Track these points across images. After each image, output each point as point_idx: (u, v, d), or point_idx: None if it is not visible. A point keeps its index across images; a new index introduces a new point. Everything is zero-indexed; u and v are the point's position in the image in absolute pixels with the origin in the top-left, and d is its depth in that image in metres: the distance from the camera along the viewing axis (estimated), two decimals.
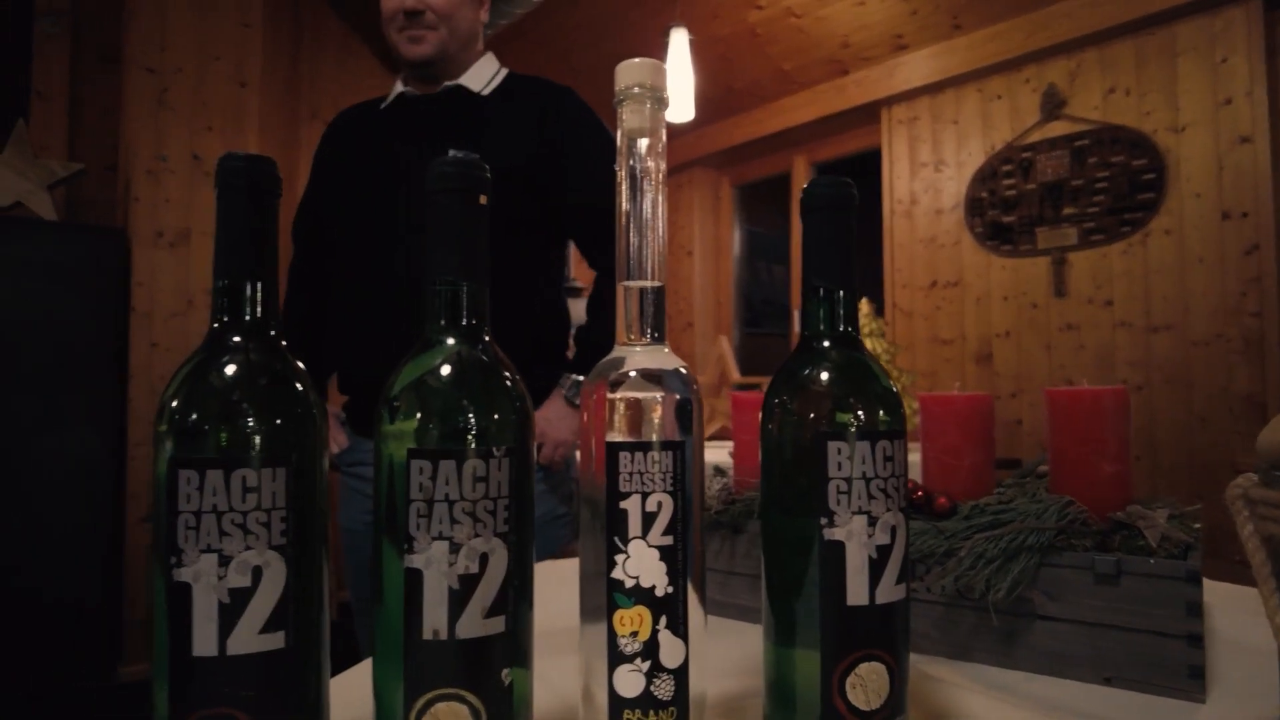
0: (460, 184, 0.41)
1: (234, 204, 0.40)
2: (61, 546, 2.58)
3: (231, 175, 0.40)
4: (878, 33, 3.24)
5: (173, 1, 2.82)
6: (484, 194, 0.42)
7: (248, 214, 0.40)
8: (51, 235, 2.66)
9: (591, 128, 1.41)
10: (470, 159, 0.41)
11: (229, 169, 0.40)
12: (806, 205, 0.46)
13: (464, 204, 0.41)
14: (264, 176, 0.40)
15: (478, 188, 0.41)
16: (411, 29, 1.35)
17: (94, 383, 2.66)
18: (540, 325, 1.40)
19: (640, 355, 0.43)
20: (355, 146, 1.45)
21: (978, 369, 3.12)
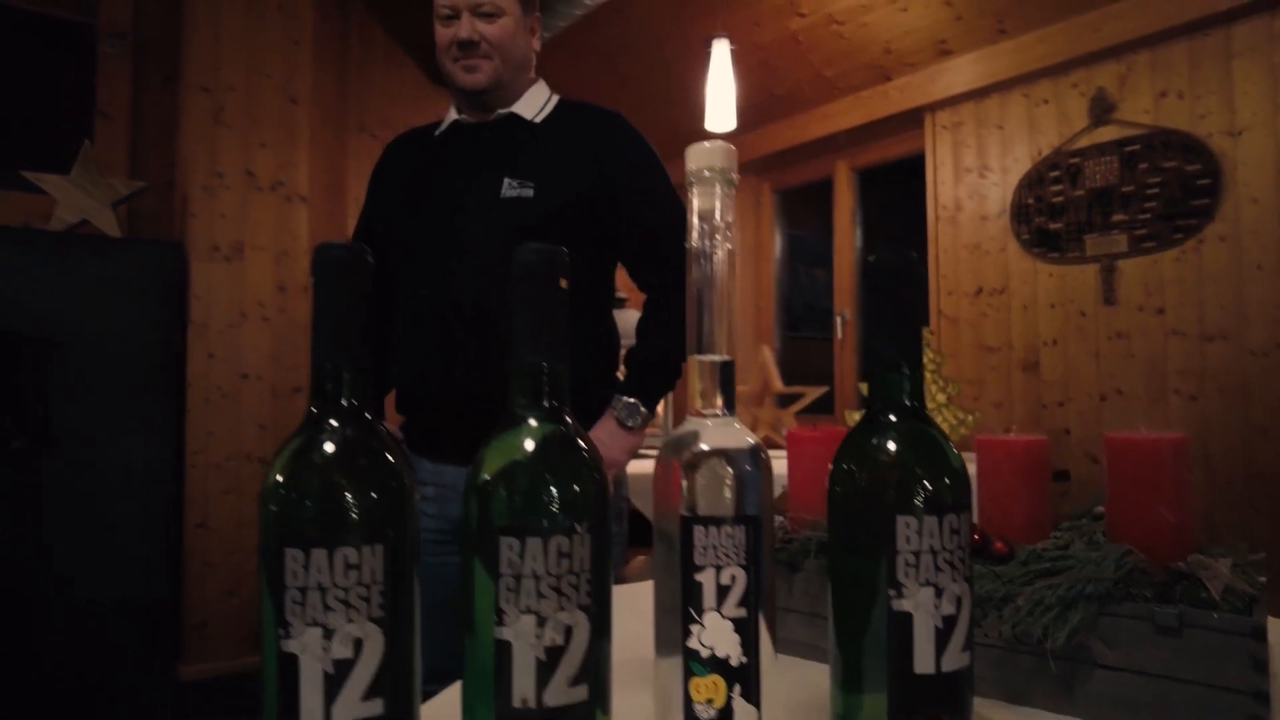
0: (543, 271, 0.43)
1: (330, 292, 0.43)
2: (124, 550, 2.68)
3: (328, 265, 0.43)
4: (921, 38, 3.21)
5: (226, 22, 2.90)
6: (565, 278, 0.44)
7: (343, 302, 0.43)
8: (115, 251, 2.76)
9: (642, 153, 1.43)
10: (551, 248, 0.43)
11: (326, 259, 0.43)
12: (870, 278, 0.47)
13: (546, 289, 0.43)
14: (359, 266, 0.43)
15: (559, 273, 0.43)
16: (466, 59, 1.38)
17: (154, 392, 2.75)
18: (592, 347, 1.43)
19: (712, 429, 0.45)
20: (411, 173, 1.49)
21: (1024, 377, 3.08)
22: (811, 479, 0.84)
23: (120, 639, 2.65)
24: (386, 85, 3.79)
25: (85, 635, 2.60)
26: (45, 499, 2.56)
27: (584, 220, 1.38)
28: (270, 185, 2.93)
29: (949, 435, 1.85)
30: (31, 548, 2.54)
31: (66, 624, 2.57)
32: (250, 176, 2.90)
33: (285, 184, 2.96)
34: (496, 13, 1.38)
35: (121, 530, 2.67)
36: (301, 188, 2.99)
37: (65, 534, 2.59)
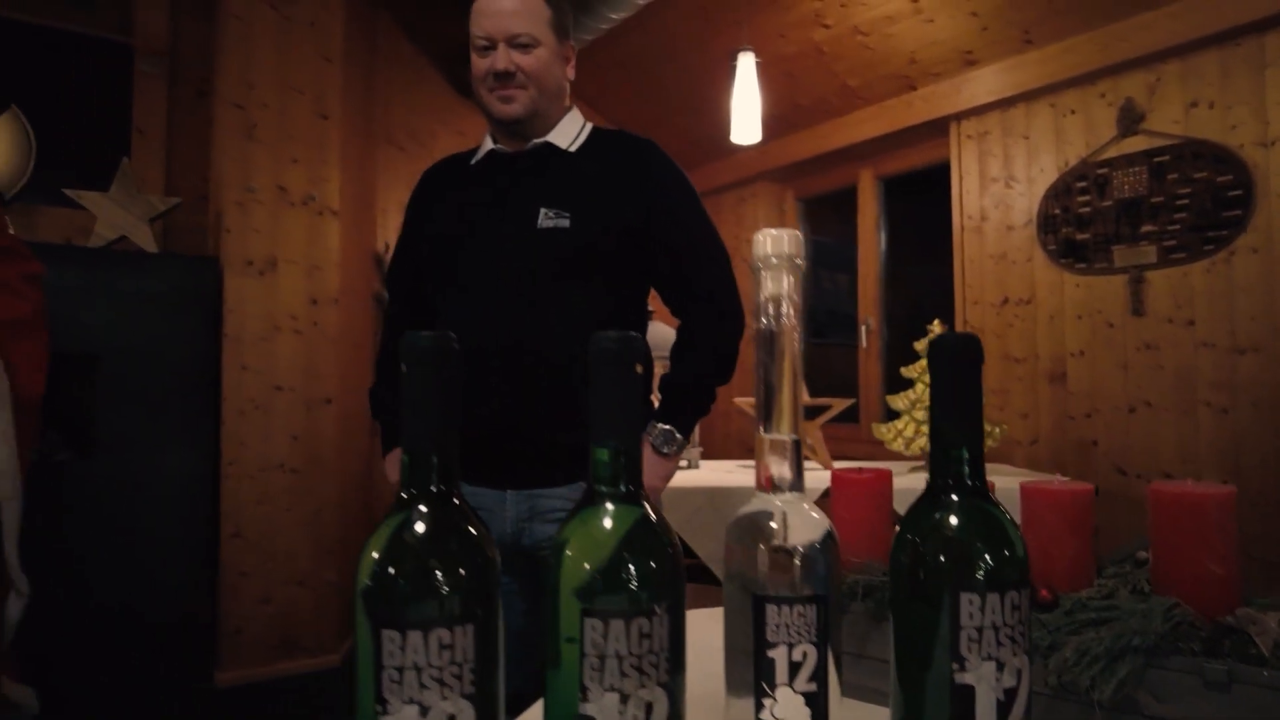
0: (620, 358, 0.45)
1: (420, 381, 0.45)
2: (162, 559, 2.74)
3: (418, 354, 0.45)
4: (946, 49, 3.21)
5: (259, 40, 2.95)
6: (640, 364, 0.46)
7: (433, 390, 0.45)
8: (152, 266, 2.81)
9: (676, 181, 1.45)
10: (627, 336, 0.45)
11: (416, 349, 0.45)
12: (936, 360, 0.49)
13: (623, 375, 0.45)
14: (447, 354, 0.45)
15: (634, 360, 0.45)
16: (502, 89, 1.41)
17: (190, 404, 2.81)
18: None
19: (783, 510, 0.47)
20: (448, 201, 1.51)
21: (1051, 388, 3.07)
22: (857, 522, 0.85)
23: (159, 646, 2.71)
24: (413, 97, 3.84)
25: (125, 642, 2.66)
26: (87, 509, 2.62)
27: (619, 248, 1.40)
28: (302, 200, 2.98)
29: None
30: (73, 556, 2.60)
31: (107, 631, 2.63)
32: (282, 191, 2.95)
33: (316, 198, 3.00)
34: (532, 43, 1.40)
35: (160, 540, 2.73)
36: (333, 202, 3.03)
37: (106, 543, 2.65)
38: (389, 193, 3.78)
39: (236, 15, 2.93)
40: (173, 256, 2.95)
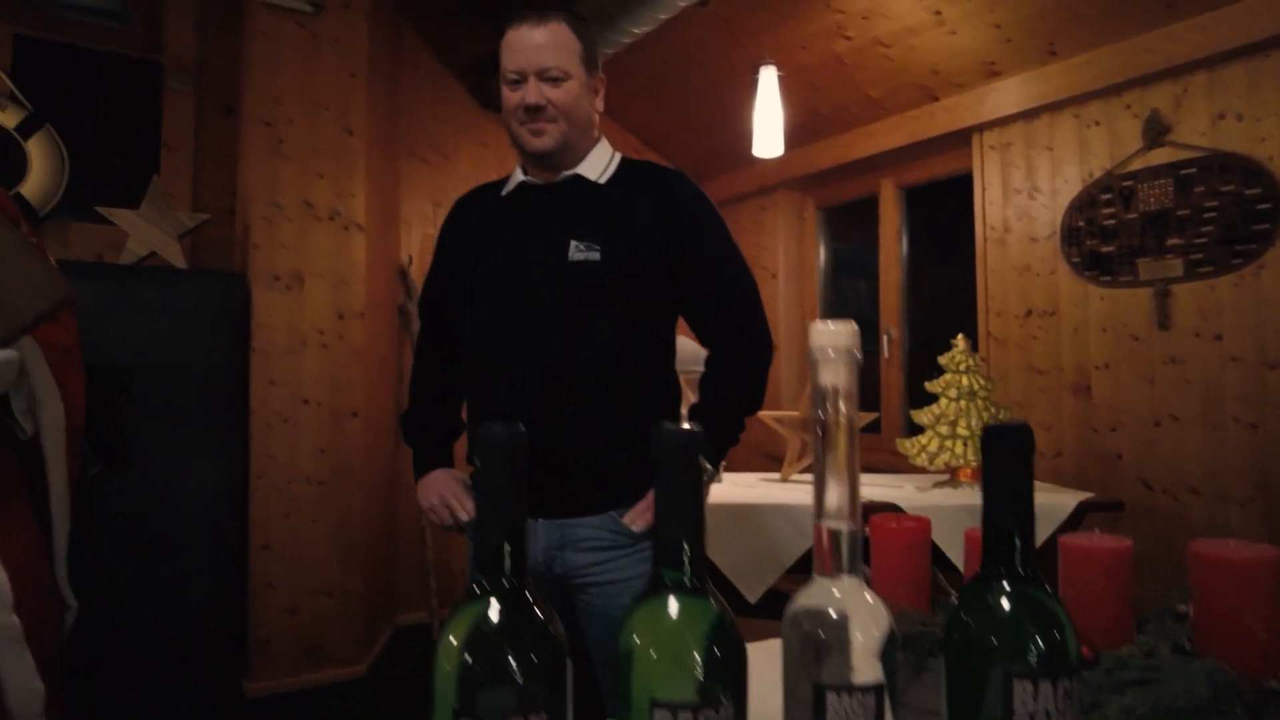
0: (684, 454, 0.47)
1: (494, 474, 0.47)
2: (192, 571, 2.78)
3: (492, 448, 0.47)
4: (969, 60, 3.20)
5: (285, 56, 2.98)
6: (702, 457, 0.47)
7: (506, 483, 0.47)
8: (181, 281, 2.86)
9: (705, 212, 1.47)
10: (691, 432, 0.46)
11: (490, 443, 0.47)
12: (988, 449, 0.50)
13: (688, 470, 0.47)
14: (519, 448, 0.47)
15: (699, 453, 0.47)
16: (533, 123, 1.42)
17: (220, 418, 2.85)
18: (656, 401, 1.46)
19: (842, 600, 0.48)
20: (479, 231, 1.53)
21: (1074, 400, 3.06)
22: (896, 570, 0.86)
23: (190, 657, 2.76)
24: (435, 109, 3.87)
25: (156, 652, 2.71)
26: (118, 522, 2.67)
27: (649, 279, 1.42)
28: (328, 215, 3.01)
29: None
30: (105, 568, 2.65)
31: (138, 641, 2.68)
32: (309, 206, 2.99)
33: (342, 213, 3.04)
34: (563, 77, 1.42)
35: (190, 552, 2.77)
36: (358, 216, 3.07)
37: (137, 555, 2.70)
38: (412, 205, 3.82)
39: (263, 32, 2.97)
40: (202, 272, 2.99)
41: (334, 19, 3.07)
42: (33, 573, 1.29)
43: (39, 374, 1.29)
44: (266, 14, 2.97)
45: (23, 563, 1.25)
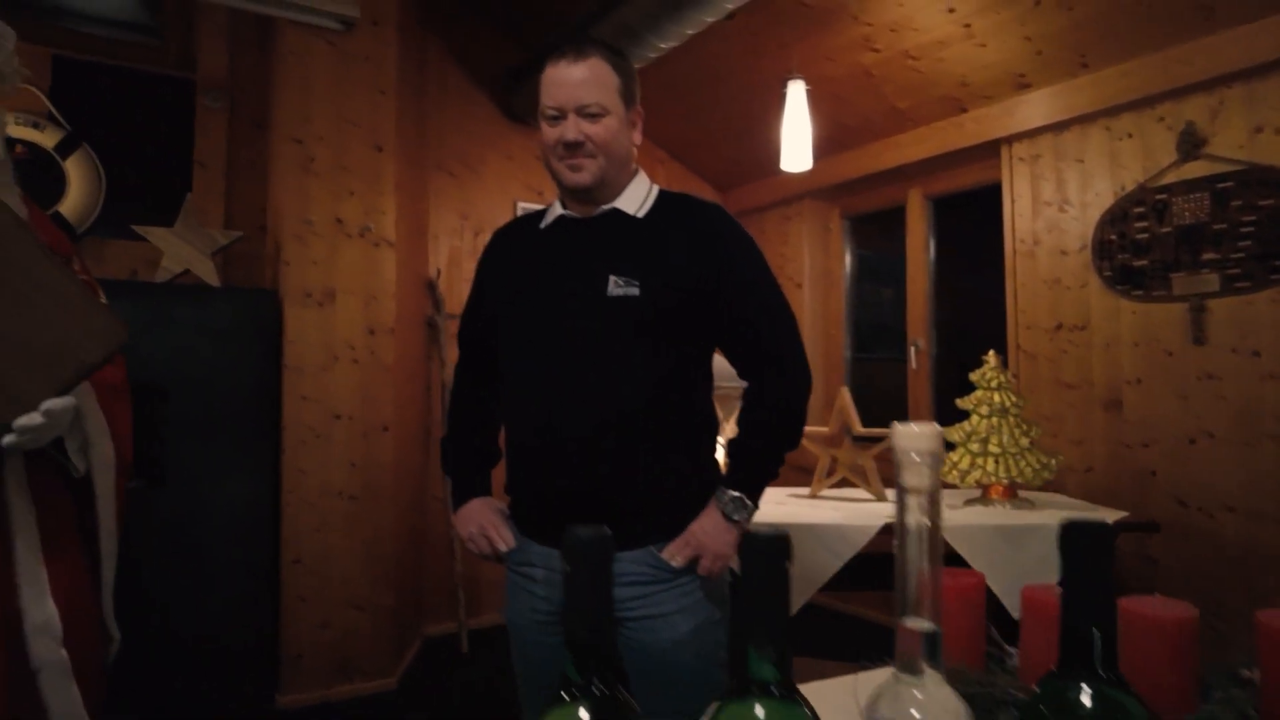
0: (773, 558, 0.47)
1: (583, 577, 0.47)
2: (226, 585, 2.82)
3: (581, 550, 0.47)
4: (998, 72, 3.18)
5: (316, 75, 3.01)
6: (790, 561, 0.48)
7: (595, 587, 0.47)
8: (215, 299, 2.89)
9: (744, 245, 1.47)
10: (779, 535, 0.47)
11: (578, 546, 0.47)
12: (1067, 547, 0.50)
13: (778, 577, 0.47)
14: (607, 551, 0.48)
15: (788, 559, 0.47)
16: (571, 158, 1.43)
17: (253, 434, 2.89)
18: (694, 433, 1.47)
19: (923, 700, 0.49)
20: (518, 264, 1.54)
21: (1106, 416, 3.03)
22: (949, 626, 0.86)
23: (223, 670, 2.79)
24: (462, 123, 3.89)
25: (190, 666, 2.74)
26: (153, 537, 2.71)
27: (687, 312, 1.42)
28: (359, 231, 3.04)
29: (1033, 479, 1.83)
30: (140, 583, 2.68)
31: (172, 656, 2.72)
32: (340, 224, 3.01)
33: (373, 230, 3.06)
34: (601, 113, 1.42)
35: (224, 567, 2.81)
36: (388, 233, 3.09)
37: (171, 570, 2.74)
38: (439, 218, 3.84)
39: (294, 52, 3.00)
40: (235, 290, 3.03)
41: (363, 36, 3.09)
42: (81, 607, 1.31)
43: (91, 414, 1.32)
44: (297, 33, 2.99)
45: (72, 597, 1.28)
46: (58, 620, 1.23)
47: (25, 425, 1.12)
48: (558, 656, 1.47)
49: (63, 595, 1.25)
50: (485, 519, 1.54)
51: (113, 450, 1.36)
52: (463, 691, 3.14)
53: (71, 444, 1.27)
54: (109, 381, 1.38)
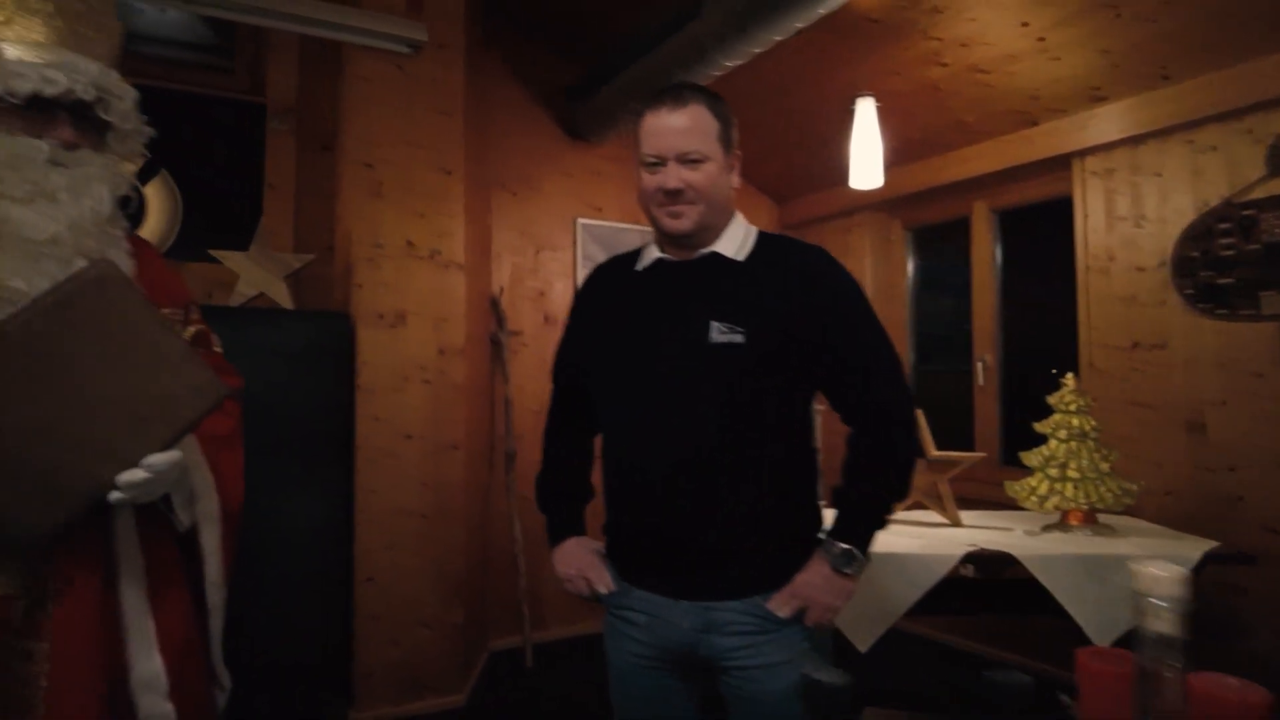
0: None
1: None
2: (299, 603, 2.86)
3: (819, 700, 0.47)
4: (1071, 85, 3.10)
5: (384, 99, 3.05)
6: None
7: None
8: (288, 321, 2.94)
9: (848, 289, 1.45)
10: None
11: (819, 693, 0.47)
12: None
13: None
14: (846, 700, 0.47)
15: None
16: (672, 205, 1.43)
17: (325, 455, 2.93)
18: (797, 481, 1.46)
19: None
20: (615, 306, 1.54)
21: (1187, 438, 2.95)
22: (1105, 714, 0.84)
23: (298, 688, 2.84)
24: (522, 141, 3.91)
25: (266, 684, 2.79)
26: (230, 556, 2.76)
27: (790, 358, 1.41)
28: (428, 254, 3.07)
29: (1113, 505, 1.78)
30: None
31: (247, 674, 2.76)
32: (410, 246, 3.05)
33: (441, 252, 3.09)
34: (702, 159, 1.41)
35: (299, 585, 2.86)
36: (457, 255, 3.12)
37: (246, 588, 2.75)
38: (501, 237, 3.87)
39: (363, 77, 3.04)
40: (309, 313, 3.08)
41: (429, 59, 3.12)
42: (189, 659, 1.31)
43: (196, 468, 1.33)
44: (365, 57, 3.03)
45: (179, 649, 1.28)
46: (164, 674, 1.24)
47: (129, 482, 1.14)
48: (658, 698, 1.49)
49: (170, 649, 1.26)
50: (584, 561, 1.55)
51: (218, 503, 1.38)
52: (530, 707, 3.17)
53: (178, 498, 1.28)
54: (217, 433, 1.40)
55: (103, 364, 1.14)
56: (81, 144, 1.27)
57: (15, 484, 1.08)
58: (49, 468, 1.10)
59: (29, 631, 1.14)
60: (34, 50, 1.24)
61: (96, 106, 1.28)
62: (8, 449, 1.09)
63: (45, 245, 1.19)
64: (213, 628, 1.45)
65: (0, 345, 1.09)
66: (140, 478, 1.14)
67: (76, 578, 1.17)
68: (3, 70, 1.19)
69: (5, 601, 1.13)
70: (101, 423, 1.13)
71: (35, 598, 1.15)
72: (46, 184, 1.20)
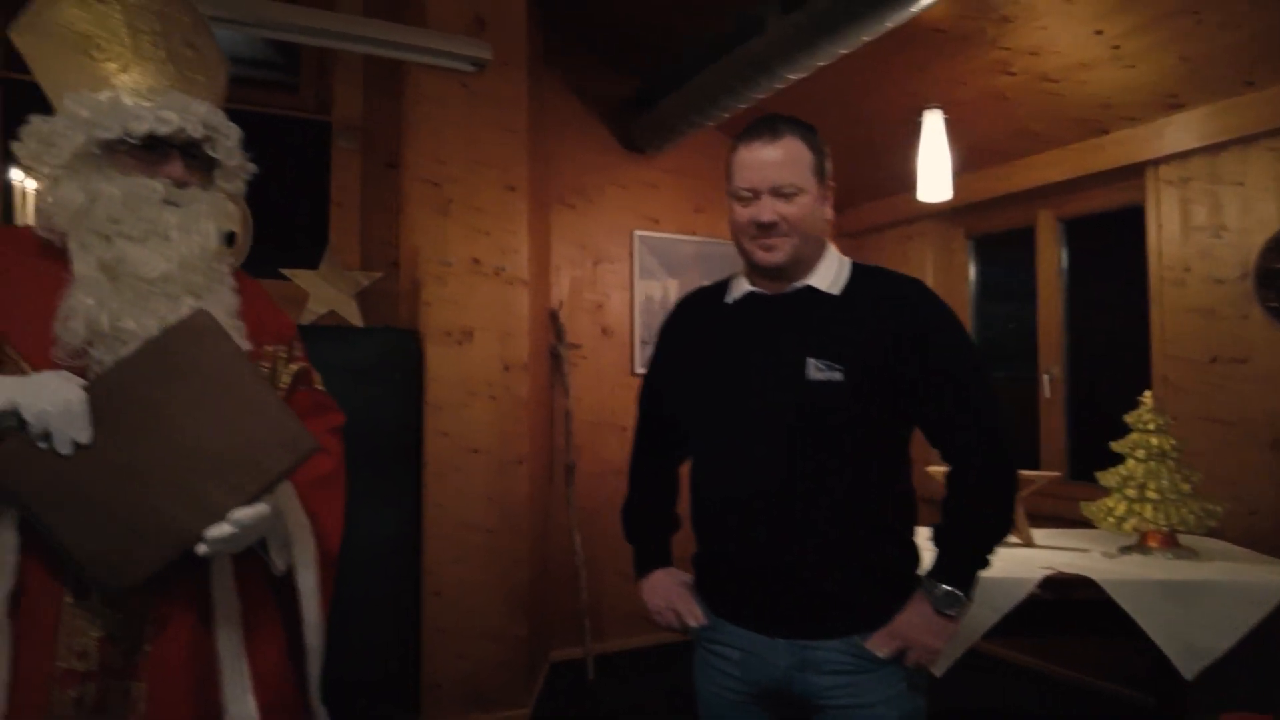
0: None
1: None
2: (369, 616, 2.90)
3: None
4: (1146, 93, 3.03)
5: (450, 117, 3.08)
6: None
7: None
8: (358, 339, 2.99)
9: (948, 323, 1.43)
10: None
11: None
12: None
13: None
14: None
15: None
16: (765, 238, 1.42)
17: (394, 470, 2.97)
18: (895, 518, 1.44)
19: None
20: (706, 340, 1.53)
21: (1273, 456, 2.86)
22: None
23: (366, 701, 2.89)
24: (580, 155, 3.93)
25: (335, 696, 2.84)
26: None
27: (889, 395, 1.39)
28: (494, 270, 3.10)
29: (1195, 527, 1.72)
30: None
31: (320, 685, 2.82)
32: (476, 263, 3.08)
33: (506, 268, 3.12)
34: (796, 192, 1.40)
35: (369, 599, 2.90)
36: (522, 271, 3.14)
37: None
38: (561, 251, 3.89)
39: (429, 96, 3.07)
40: (378, 330, 3.12)
41: (494, 77, 3.14)
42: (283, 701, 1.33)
43: (291, 512, 1.33)
44: (430, 76, 3.06)
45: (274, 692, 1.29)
46: (258, 716, 1.24)
47: (216, 537, 1.14)
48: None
49: (265, 690, 1.27)
50: (674, 594, 1.55)
51: (315, 547, 1.38)
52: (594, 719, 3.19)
53: (273, 542, 1.29)
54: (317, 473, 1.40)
55: (196, 414, 1.15)
56: (191, 181, 1.29)
57: (106, 528, 1.10)
58: (140, 514, 1.12)
59: (127, 672, 1.16)
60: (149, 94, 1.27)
61: (205, 144, 1.30)
62: (102, 492, 1.11)
63: (156, 283, 1.22)
64: (310, 671, 1.46)
65: (100, 392, 1.12)
66: (226, 533, 1.14)
67: (172, 618, 1.18)
68: (122, 113, 1.22)
69: (104, 643, 1.15)
70: (192, 473, 1.14)
71: (133, 639, 1.17)
72: (160, 222, 1.23)
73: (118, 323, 1.18)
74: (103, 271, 1.19)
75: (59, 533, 1.09)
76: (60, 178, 1.21)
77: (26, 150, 1.24)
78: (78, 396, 1.09)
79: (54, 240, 1.22)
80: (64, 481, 1.09)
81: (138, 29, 1.31)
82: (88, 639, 1.14)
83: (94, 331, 1.16)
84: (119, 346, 1.18)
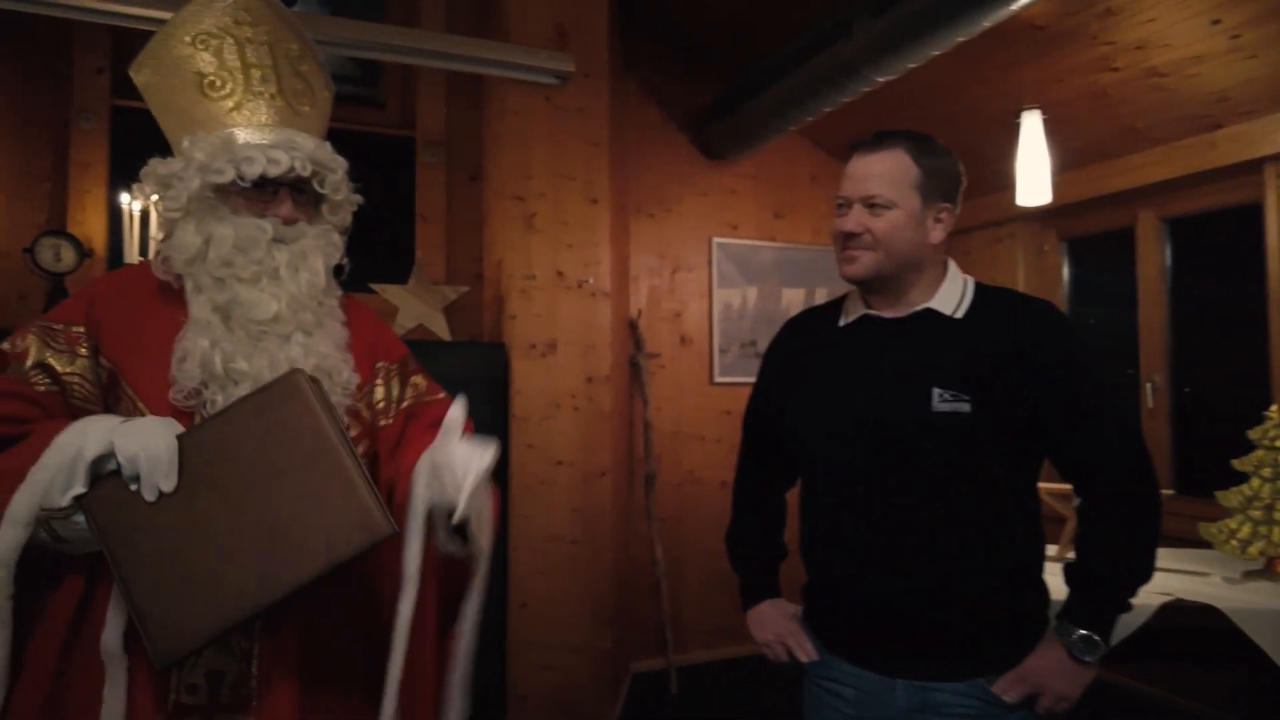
0: None
1: None
2: None
3: None
4: (1267, 85, 2.84)
5: (534, 132, 3.08)
6: None
7: None
8: (446, 353, 3.02)
9: (1078, 350, 1.35)
10: None
11: None
12: None
13: None
14: None
15: None
16: (848, 248, 1.38)
17: None
18: (1022, 556, 1.37)
19: None
20: (817, 363, 1.49)
21: None
22: None
23: None
24: (660, 163, 3.91)
25: None
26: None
27: (1018, 426, 1.33)
28: (577, 283, 3.10)
29: None
30: None
31: None
32: (560, 276, 3.08)
33: (590, 281, 3.12)
34: (887, 206, 1.36)
35: None
36: (604, 283, 3.14)
37: None
38: (639, 260, 3.88)
39: (512, 110, 3.08)
40: (466, 344, 3.16)
41: (576, 90, 3.14)
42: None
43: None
44: (513, 90, 3.08)
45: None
46: None
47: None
48: None
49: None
50: (783, 628, 1.51)
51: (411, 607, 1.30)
52: None
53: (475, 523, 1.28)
54: None
55: (276, 480, 1.11)
56: (299, 218, 1.31)
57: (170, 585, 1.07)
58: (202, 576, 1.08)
59: (237, 705, 1.16)
60: (259, 132, 1.29)
61: (313, 180, 1.31)
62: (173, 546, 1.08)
63: (268, 324, 1.22)
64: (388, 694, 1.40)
65: (191, 444, 1.10)
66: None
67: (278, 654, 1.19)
68: (235, 155, 1.23)
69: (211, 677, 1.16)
70: (261, 542, 1.10)
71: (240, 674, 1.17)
72: (270, 262, 1.24)
73: (231, 364, 1.19)
74: (216, 313, 1.21)
75: (129, 583, 1.07)
76: (177, 220, 1.23)
77: (144, 192, 1.28)
78: (168, 445, 1.08)
79: (171, 282, 1.25)
80: (144, 529, 1.08)
81: (249, 63, 1.32)
82: (196, 674, 1.15)
83: (208, 373, 1.18)
84: (232, 388, 1.19)
